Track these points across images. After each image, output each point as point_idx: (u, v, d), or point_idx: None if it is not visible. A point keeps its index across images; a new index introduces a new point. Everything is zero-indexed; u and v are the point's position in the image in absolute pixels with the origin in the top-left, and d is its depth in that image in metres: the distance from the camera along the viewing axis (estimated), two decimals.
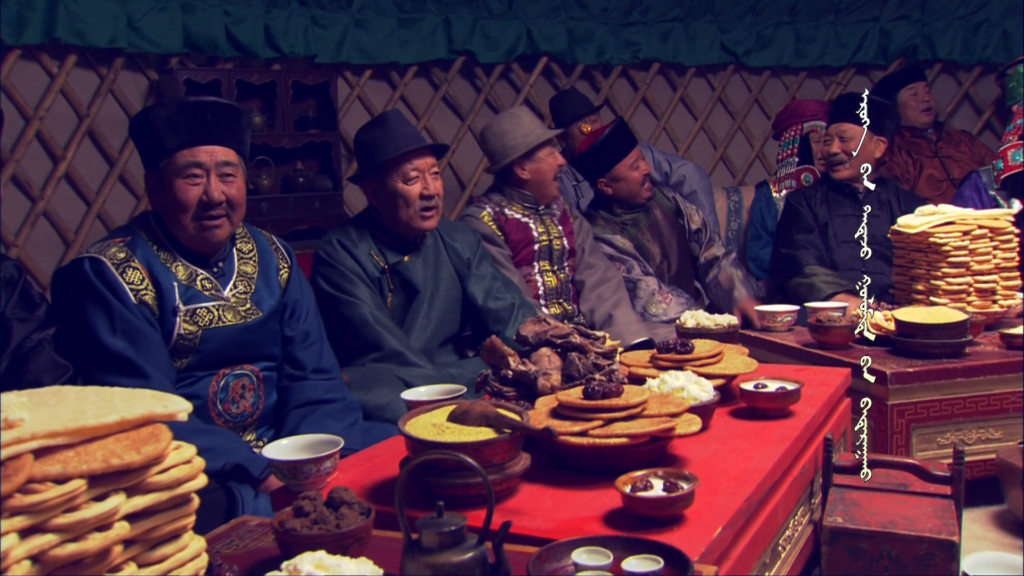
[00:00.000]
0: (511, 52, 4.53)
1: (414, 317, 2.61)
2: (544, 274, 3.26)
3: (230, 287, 1.99)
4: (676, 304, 3.43)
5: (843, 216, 3.51)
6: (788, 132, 4.29)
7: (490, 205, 3.24)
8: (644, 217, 3.71)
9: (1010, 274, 2.68)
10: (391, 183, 2.53)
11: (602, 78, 4.83)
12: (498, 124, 3.23)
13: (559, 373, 1.77)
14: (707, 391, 1.68)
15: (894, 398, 2.17)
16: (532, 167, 3.20)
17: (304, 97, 4.10)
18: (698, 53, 4.89)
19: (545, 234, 3.25)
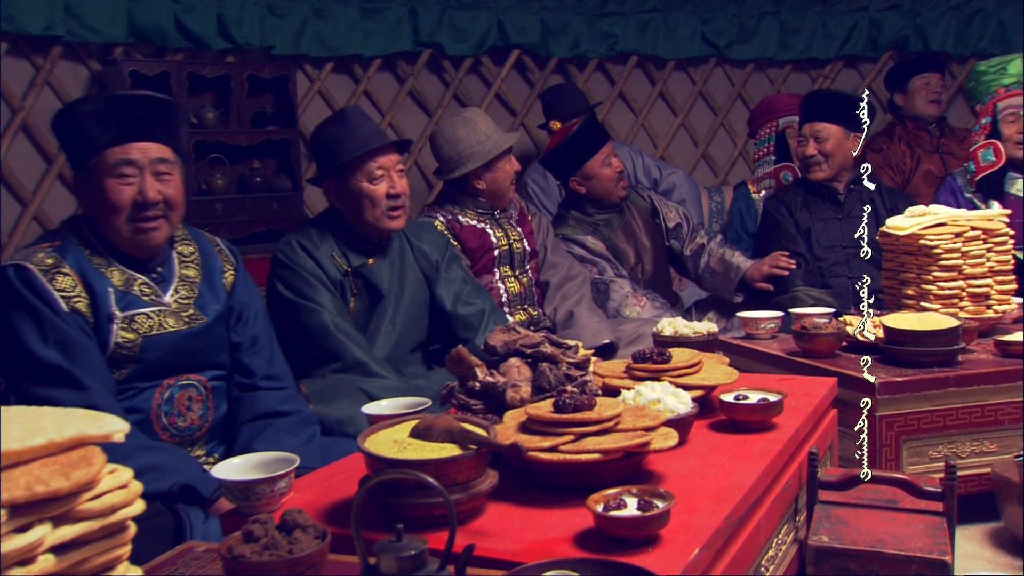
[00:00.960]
0: (481, 44, 4.53)
1: (378, 323, 2.60)
2: (506, 280, 3.26)
3: (171, 292, 1.97)
4: (651, 308, 3.44)
5: (825, 220, 3.54)
6: (763, 129, 4.32)
7: (441, 213, 3.21)
8: (617, 218, 3.73)
9: (1005, 278, 2.72)
10: (355, 183, 2.53)
11: (577, 72, 4.85)
12: (451, 130, 3.17)
13: (529, 385, 1.77)
14: (685, 403, 1.69)
15: (883, 409, 2.20)
16: (489, 177, 3.18)
17: (261, 91, 4.07)
18: (678, 45, 4.92)
19: (504, 238, 3.24)
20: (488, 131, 3.17)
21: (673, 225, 3.81)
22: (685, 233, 3.80)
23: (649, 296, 3.54)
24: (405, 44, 4.38)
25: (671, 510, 1.29)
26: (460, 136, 3.15)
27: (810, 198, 3.60)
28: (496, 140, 3.16)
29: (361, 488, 1.11)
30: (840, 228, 3.53)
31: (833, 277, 3.48)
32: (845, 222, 3.52)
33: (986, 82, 3.63)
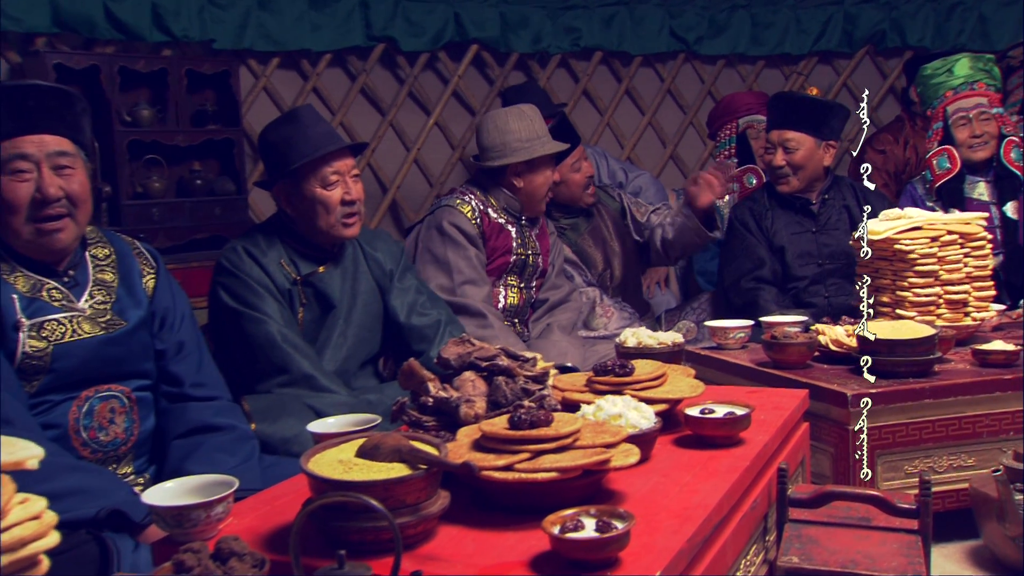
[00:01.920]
0: (437, 39, 4.55)
1: (328, 335, 2.60)
2: (509, 289, 3.31)
3: (86, 297, 1.95)
4: (619, 318, 3.48)
5: (797, 234, 3.54)
6: (723, 131, 4.37)
7: (474, 200, 3.26)
8: (585, 222, 3.76)
9: (983, 284, 2.77)
10: (308, 188, 2.52)
11: (539, 68, 4.88)
12: (504, 118, 3.25)
13: (484, 400, 1.77)
14: (647, 418, 1.70)
15: (855, 422, 2.23)
16: (529, 178, 3.25)
17: (201, 88, 4.04)
18: (645, 40, 4.98)
19: (522, 247, 3.31)
20: (540, 132, 3.25)
21: (645, 220, 3.84)
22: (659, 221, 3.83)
23: (617, 305, 3.57)
24: (357, 38, 4.39)
25: (631, 531, 1.30)
26: (512, 127, 3.22)
27: (779, 211, 3.59)
28: (546, 143, 3.24)
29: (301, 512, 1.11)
30: (815, 242, 3.52)
31: (810, 297, 3.49)
32: (820, 235, 3.52)
33: (934, 85, 3.66)
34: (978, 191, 3.62)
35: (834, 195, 3.59)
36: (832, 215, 3.55)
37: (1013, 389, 2.34)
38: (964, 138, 3.58)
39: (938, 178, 3.61)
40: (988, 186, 3.62)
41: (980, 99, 3.58)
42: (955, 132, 3.60)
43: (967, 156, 3.59)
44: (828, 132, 3.52)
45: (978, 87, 3.60)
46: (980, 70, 3.63)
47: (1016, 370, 2.39)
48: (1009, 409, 2.34)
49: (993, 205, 3.61)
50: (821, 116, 3.51)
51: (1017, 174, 3.61)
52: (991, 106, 3.60)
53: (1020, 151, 3.63)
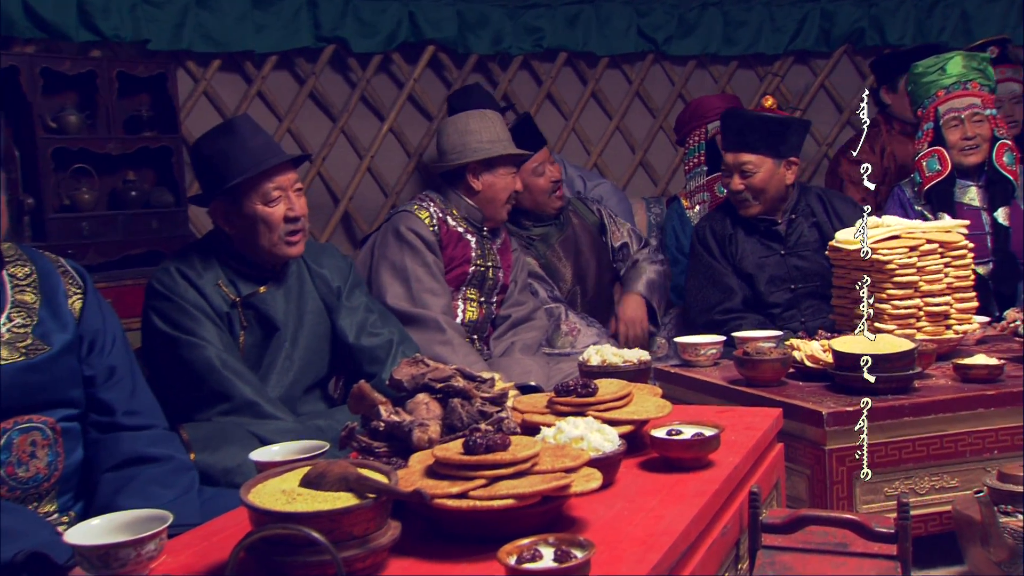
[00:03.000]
0: (391, 40, 4.57)
1: (273, 359, 2.61)
2: (468, 303, 3.35)
3: (3, 320, 1.94)
4: (586, 335, 3.51)
5: (765, 257, 3.56)
6: (692, 137, 4.40)
7: (433, 206, 3.34)
8: (557, 232, 3.79)
9: (964, 295, 2.83)
10: (248, 206, 2.53)
11: (499, 70, 4.92)
12: (465, 120, 3.37)
13: (438, 423, 1.79)
14: (611, 440, 1.73)
15: (832, 442, 2.27)
16: (487, 179, 3.34)
17: (135, 92, 4.02)
18: (611, 40, 5.03)
19: (483, 258, 3.34)
20: (502, 135, 3.36)
21: (619, 245, 3.89)
22: (630, 255, 3.88)
23: (584, 321, 3.60)
24: (304, 39, 4.39)
25: (591, 560, 1.32)
26: (472, 128, 3.33)
27: (745, 230, 3.60)
28: (507, 145, 3.35)
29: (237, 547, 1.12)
30: (785, 265, 3.54)
31: (786, 324, 3.51)
32: (790, 257, 3.54)
33: (925, 84, 3.73)
34: (969, 196, 3.69)
35: (802, 211, 3.61)
36: (801, 233, 3.57)
37: (996, 405, 2.39)
38: (955, 140, 3.65)
39: (927, 180, 3.67)
40: (979, 191, 3.69)
41: (973, 99, 3.65)
42: (946, 133, 3.66)
43: (958, 159, 3.65)
44: (787, 149, 3.54)
45: (971, 87, 3.67)
46: (974, 69, 3.70)
47: (999, 385, 2.44)
48: (993, 426, 2.39)
49: (984, 211, 3.68)
50: (778, 134, 3.52)
51: (1009, 179, 3.68)
52: (984, 107, 3.66)
53: (1013, 155, 3.71)
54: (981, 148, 3.65)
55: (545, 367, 3.33)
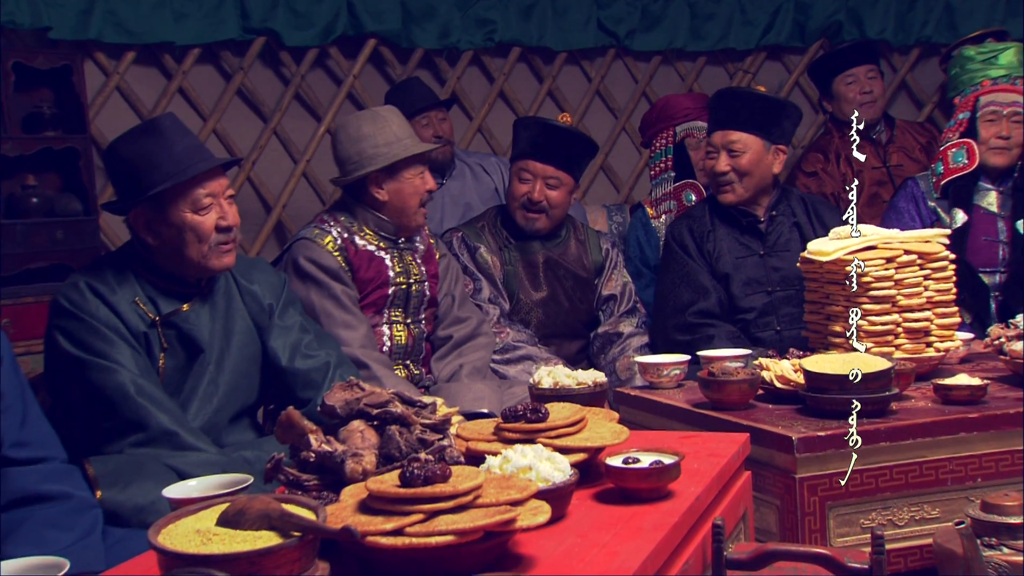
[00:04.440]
0: (328, 33, 4.58)
1: (196, 384, 2.59)
2: (394, 326, 3.32)
3: None
4: (514, 337, 3.57)
5: (743, 257, 3.61)
6: (658, 140, 4.43)
7: (336, 228, 3.28)
8: (541, 246, 3.80)
9: (946, 310, 2.87)
10: (176, 214, 2.50)
11: (447, 66, 4.94)
12: (356, 125, 3.29)
13: (374, 453, 1.79)
14: (562, 470, 1.74)
15: (803, 470, 2.30)
16: (393, 187, 3.27)
17: (35, 86, 3.97)
18: (569, 34, 5.09)
19: (403, 275, 3.32)
20: (400, 134, 3.28)
21: (608, 295, 3.89)
22: (616, 309, 3.89)
23: (514, 328, 3.62)
24: (231, 31, 4.39)
25: None
26: (365, 133, 3.25)
27: (722, 228, 3.65)
28: (408, 144, 3.27)
29: None
30: (764, 266, 3.59)
31: (760, 331, 3.56)
32: (769, 258, 3.59)
33: (971, 70, 3.79)
34: (987, 200, 3.76)
35: (783, 210, 3.67)
36: (782, 234, 3.63)
37: (979, 429, 2.42)
38: (988, 136, 3.71)
39: (949, 172, 3.73)
40: (999, 197, 3.76)
41: (1018, 97, 3.72)
42: (981, 127, 3.73)
43: (986, 158, 3.71)
44: (778, 135, 3.60)
45: (1020, 83, 3.76)
46: None
47: (983, 407, 2.49)
48: (976, 452, 2.42)
49: (1002, 218, 3.76)
50: (771, 115, 3.59)
51: None
52: None
53: None
54: (1012, 151, 3.71)
55: (498, 392, 3.34)
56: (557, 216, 3.78)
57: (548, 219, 3.76)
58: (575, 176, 3.81)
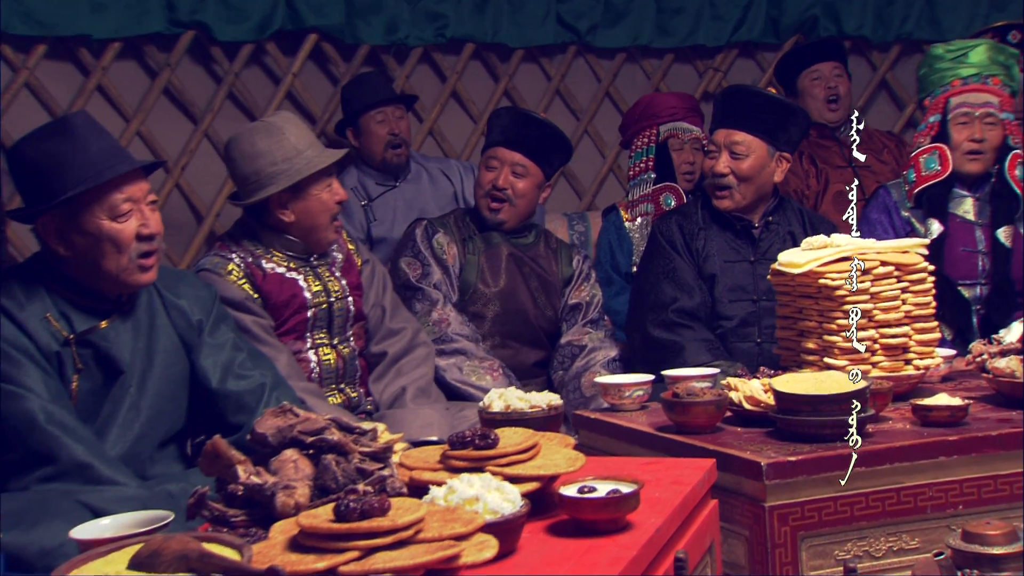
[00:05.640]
0: (264, 27, 4.54)
1: (115, 409, 2.56)
2: (320, 349, 3.29)
3: None
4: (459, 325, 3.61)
5: (732, 262, 3.66)
6: (640, 139, 4.48)
7: (239, 254, 3.22)
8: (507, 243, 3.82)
9: (925, 325, 2.91)
10: (91, 222, 2.47)
11: (395, 64, 4.93)
12: (250, 140, 3.21)
13: (308, 485, 1.79)
14: (512, 500, 1.74)
15: (773, 498, 2.31)
16: (300, 207, 3.21)
17: None
18: (527, 30, 5.07)
19: (322, 293, 3.28)
20: (300, 144, 3.21)
21: (574, 303, 3.91)
22: (578, 319, 3.90)
23: (459, 320, 3.64)
24: (156, 23, 4.33)
25: None
26: (261, 149, 3.18)
27: (714, 229, 3.70)
28: (310, 157, 3.20)
29: None
30: (752, 274, 3.64)
31: (738, 342, 3.59)
32: (759, 266, 3.63)
33: (940, 70, 3.81)
34: (963, 208, 3.81)
35: (779, 219, 3.73)
36: (775, 243, 3.67)
37: (960, 453, 2.44)
38: (961, 140, 3.76)
39: (922, 180, 3.77)
40: (976, 204, 3.81)
41: (991, 97, 3.76)
42: (952, 131, 3.77)
43: (959, 164, 3.76)
44: (785, 141, 3.66)
45: (992, 83, 3.80)
46: (999, 64, 3.82)
47: (963, 429, 2.51)
48: (957, 477, 2.44)
49: (980, 226, 3.81)
50: (780, 120, 3.64)
51: (1019, 195, 3.79)
52: (1001, 109, 3.78)
53: None
54: (986, 155, 3.76)
55: (448, 416, 3.33)
56: (522, 209, 3.84)
57: (512, 210, 3.82)
58: (544, 171, 3.87)
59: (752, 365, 3.44)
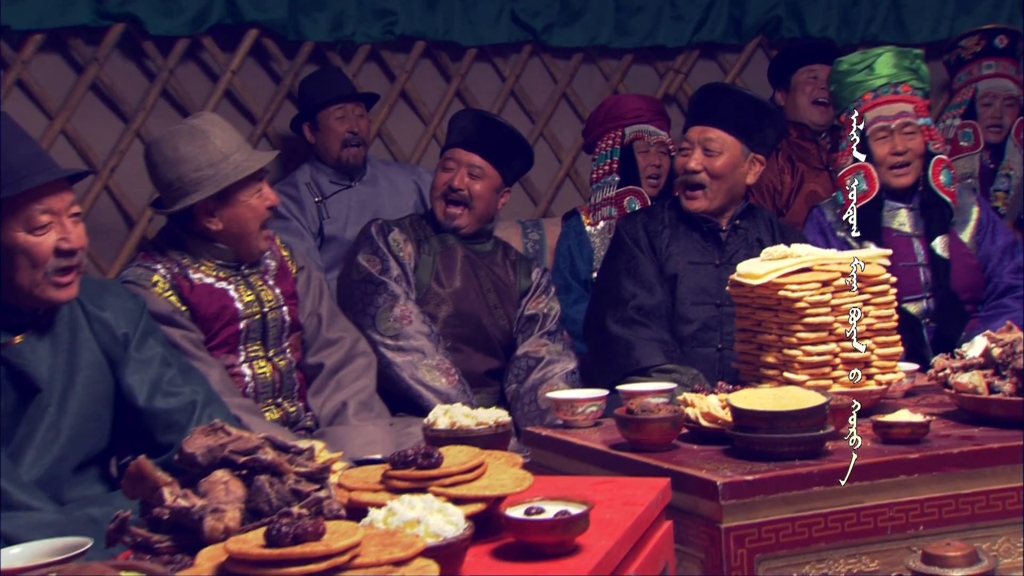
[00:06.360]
0: (201, 20, 4.52)
1: (31, 429, 2.53)
2: (254, 363, 3.26)
3: None
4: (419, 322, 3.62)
5: (696, 264, 3.70)
6: (604, 141, 4.54)
7: (164, 265, 3.19)
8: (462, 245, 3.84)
9: (888, 339, 2.94)
10: (6, 233, 2.42)
11: (342, 62, 4.93)
12: (172, 144, 3.16)
13: (239, 508, 1.77)
14: (455, 523, 1.74)
15: (729, 518, 2.32)
16: (227, 214, 3.18)
17: None
18: (480, 28, 5.10)
19: (255, 303, 3.25)
20: (226, 148, 3.17)
21: (529, 314, 3.93)
22: (534, 330, 3.92)
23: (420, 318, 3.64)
24: (82, 15, 4.27)
25: None
26: (184, 154, 3.13)
27: (680, 229, 3.73)
28: (237, 161, 3.16)
29: None
30: (716, 277, 3.67)
31: (698, 347, 3.62)
32: (724, 269, 3.65)
33: (849, 85, 3.86)
34: (898, 220, 3.85)
35: (747, 224, 3.77)
36: (741, 248, 3.71)
37: (921, 471, 2.47)
38: (884, 155, 3.80)
39: (851, 203, 3.81)
40: (911, 215, 3.86)
41: (904, 106, 3.81)
42: (874, 147, 3.81)
43: (886, 178, 3.80)
44: (760, 142, 3.71)
45: (903, 90, 3.84)
46: (906, 69, 3.86)
47: (925, 447, 2.54)
48: (918, 497, 2.46)
49: (917, 238, 3.85)
50: (757, 120, 3.69)
51: (948, 202, 3.86)
52: (917, 115, 3.82)
53: (950, 173, 3.87)
54: (913, 165, 3.81)
55: (392, 433, 3.33)
56: (480, 212, 3.88)
57: (469, 214, 3.86)
58: (503, 175, 3.92)
59: (711, 372, 3.50)
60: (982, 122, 5.09)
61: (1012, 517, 2.51)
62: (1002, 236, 4.00)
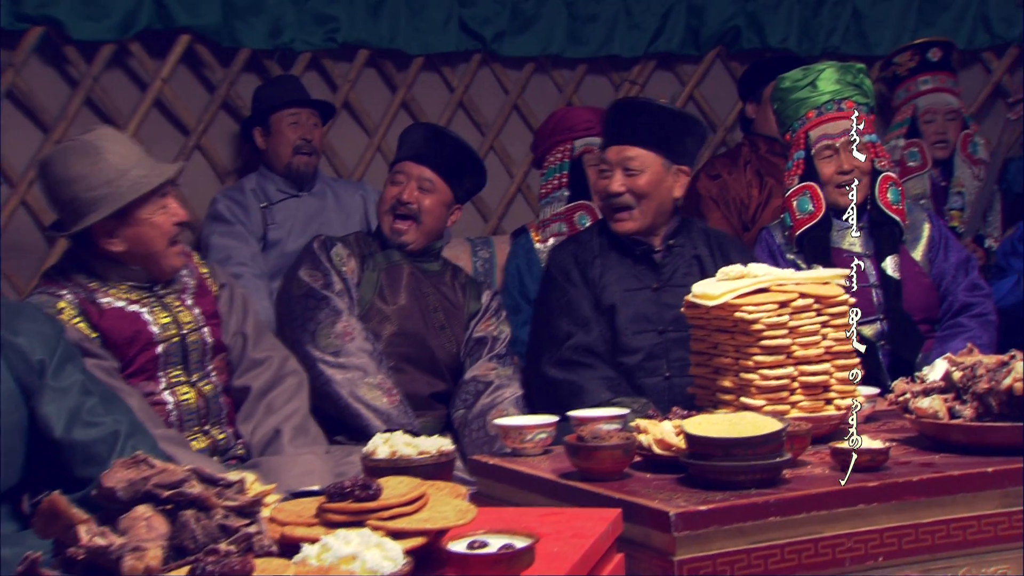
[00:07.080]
0: (128, 25, 4.49)
1: None
2: (176, 389, 3.21)
3: None
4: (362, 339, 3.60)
5: (632, 291, 3.69)
6: (553, 154, 4.55)
7: (70, 290, 3.14)
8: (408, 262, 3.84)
9: (847, 362, 2.96)
10: None
11: (280, 70, 4.91)
12: (64, 162, 3.10)
13: (161, 546, 1.75)
14: (393, 558, 1.73)
15: (683, 551, 2.32)
16: (129, 233, 3.13)
17: None
18: (427, 36, 5.10)
19: (172, 325, 3.20)
20: (122, 163, 3.11)
21: (478, 337, 3.92)
22: (482, 354, 3.91)
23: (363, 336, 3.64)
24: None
25: None
26: (76, 173, 3.07)
27: (612, 256, 3.73)
28: (136, 177, 3.11)
29: None
30: (656, 302, 3.67)
31: (644, 377, 3.62)
32: (663, 293, 3.67)
33: (793, 102, 3.90)
34: (848, 240, 3.88)
35: (682, 241, 3.77)
36: (679, 267, 3.72)
37: (880, 500, 2.48)
38: (830, 174, 3.84)
39: (799, 224, 3.85)
40: (861, 233, 3.88)
41: (848, 123, 3.81)
42: (819, 166, 3.85)
43: (833, 198, 3.82)
44: (680, 153, 3.71)
45: (846, 106, 3.86)
46: (849, 84, 3.89)
47: (884, 474, 2.55)
48: (877, 527, 2.48)
49: (868, 258, 3.88)
50: (673, 131, 3.70)
51: (897, 221, 3.91)
52: (862, 132, 3.85)
53: (898, 191, 3.93)
54: (860, 183, 3.82)
55: (331, 461, 3.30)
56: (428, 227, 3.88)
57: (417, 230, 3.86)
58: (454, 191, 3.94)
59: (661, 402, 3.46)
60: (927, 139, 5.16)
61: (974, 547, 2.53)
62: (955, 252, 4.06)
